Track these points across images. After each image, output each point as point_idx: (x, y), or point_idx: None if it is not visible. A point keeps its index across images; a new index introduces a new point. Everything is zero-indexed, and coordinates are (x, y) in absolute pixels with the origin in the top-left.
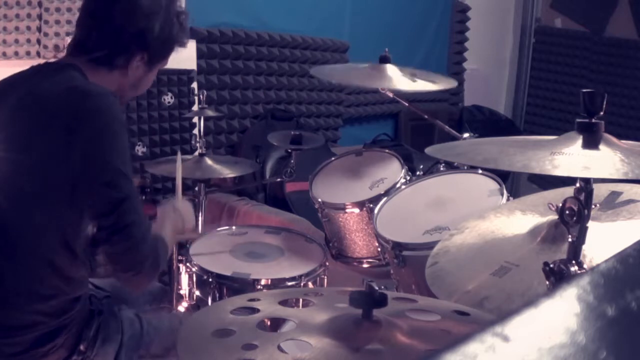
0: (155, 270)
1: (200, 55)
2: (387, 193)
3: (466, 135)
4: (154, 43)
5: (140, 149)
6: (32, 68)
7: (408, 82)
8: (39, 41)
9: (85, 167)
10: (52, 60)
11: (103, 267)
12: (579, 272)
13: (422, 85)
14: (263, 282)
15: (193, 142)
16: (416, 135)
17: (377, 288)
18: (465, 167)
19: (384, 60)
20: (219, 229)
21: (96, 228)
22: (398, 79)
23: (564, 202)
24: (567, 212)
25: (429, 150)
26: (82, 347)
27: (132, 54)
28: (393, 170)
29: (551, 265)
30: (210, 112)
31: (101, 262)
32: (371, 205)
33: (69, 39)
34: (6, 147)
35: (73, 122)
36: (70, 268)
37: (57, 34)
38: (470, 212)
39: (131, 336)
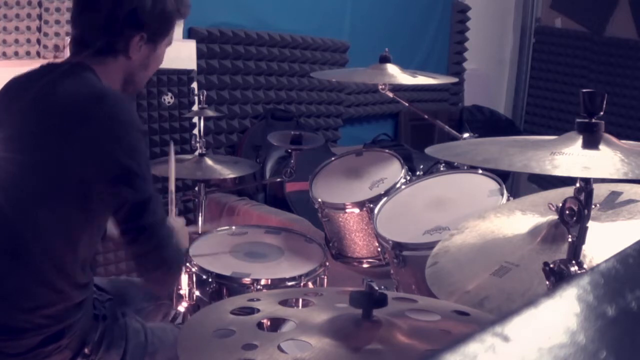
0: (179, 267)
1: (200, 55)
2: (387, 193)
3: (466, 135)
4: (148, 21)
5: None
6: (43, 68)
7: (409, 77)
8: (39, 41)
9: (101, 172)
10: (62, 60)
11: (103, 268)
12: (579, 272)
13: (423, 80)
14: (263, 282)
15: (193, 142)
16: (416, 135)
17: (377, 288)
18: (465, 167)
19: (384, 60)
20: (219, 229)
21: (121, 231)
22: (398, 76)
23: (564, 202)
24: (567, 212)
25: (429, 150)
26: (86, 350)
27: (129, 36)
28: (393, 170)
29: (551, 265)
30: (210, 112)
31: (101, 262)
32: (371, 205)
33: (69, 39)
34: (15, 147)
35: (88, 126)
36: (77, 272)
37: (57, 34)
38: (470, 212)
39: (136, 345)
